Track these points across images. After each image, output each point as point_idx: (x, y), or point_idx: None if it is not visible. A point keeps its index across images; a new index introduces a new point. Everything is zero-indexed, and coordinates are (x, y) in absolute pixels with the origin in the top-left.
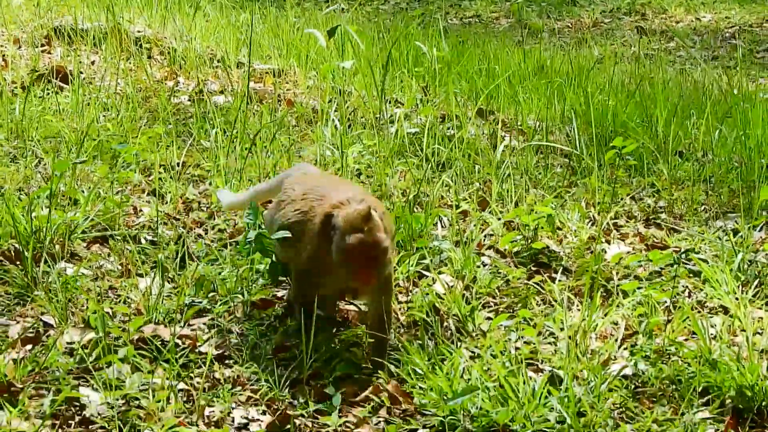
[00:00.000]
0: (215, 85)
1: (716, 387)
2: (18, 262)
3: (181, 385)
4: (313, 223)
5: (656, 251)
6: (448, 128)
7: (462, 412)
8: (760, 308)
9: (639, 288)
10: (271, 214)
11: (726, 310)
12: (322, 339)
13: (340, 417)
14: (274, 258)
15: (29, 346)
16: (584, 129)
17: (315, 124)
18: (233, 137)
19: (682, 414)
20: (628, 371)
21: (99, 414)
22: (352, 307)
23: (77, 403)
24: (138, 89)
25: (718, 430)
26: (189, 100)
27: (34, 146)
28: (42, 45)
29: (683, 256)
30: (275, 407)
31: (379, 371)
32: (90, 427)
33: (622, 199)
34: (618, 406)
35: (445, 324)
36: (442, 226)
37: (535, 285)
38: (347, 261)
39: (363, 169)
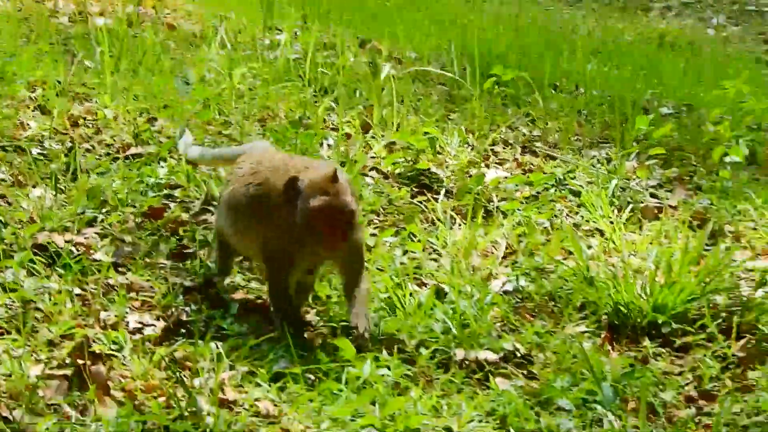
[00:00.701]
0: (95, 7)
1: (593, 303)
2: None
3: (77, 291)
4: (274, 193)
5: (538, 173)
6: (330, 56)
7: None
8: (634, 232)
9: (518, 209)
10: (223, 198)
11: (602, 233)
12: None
13: (233, 324)
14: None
15: None
16: (462, 60)
17: (197, 48)
18: (118, 56)
19: (562, 327)
20: (509, 287)
21: None
22: None
23: None
24: (17, 9)
25: (595, 342)
26: (70, 21)
27: None
28: None
29: (561, 180)
30: (169, 313)
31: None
32: None
33: (499, 126)
34: (500, 319)
35: None
36: (328, 146)
37: (418, 204)
38: (313, 224)
39: (247, 91)
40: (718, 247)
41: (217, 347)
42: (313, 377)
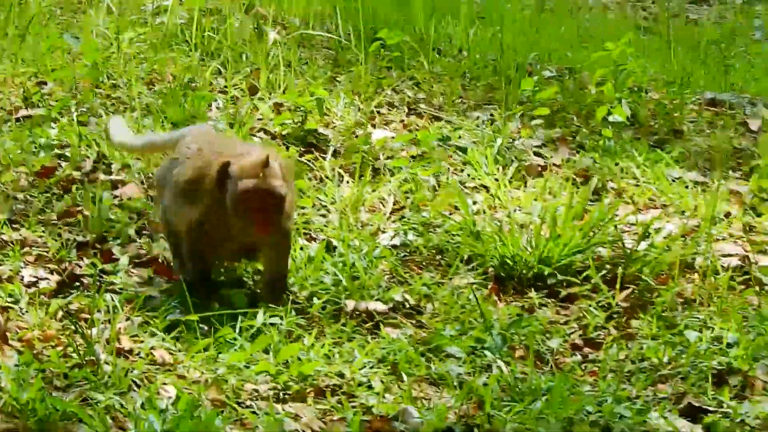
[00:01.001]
0: None
1: (480, 256)
2: None
3: None
4: (210, 176)
5: (425, 131)
6: (215, 21)
7: (245, 272)
8: (518, 188)
9: (405, 167)
10: (163, 173)
11: (487, 189)
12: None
13: (125, 277)
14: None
15: None
16: (347, 24)
17: (83, 14)
18: (5, 22)
19: (450, 279)
20: (397, 241)
21: None
22: None
23: None
24: None
25: (482, 294)
26: None
27: None
28: None
29: (447, 139)
30: (63, 267)
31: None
32: None
33: (384, 89)
34: (389, 271)
35: None
36: (217, 109)
37: (306, 162)
38: (242, 209)
39: (134, 54)
40: (602, 202)
41: (112, 299)
42: (207, 327)
